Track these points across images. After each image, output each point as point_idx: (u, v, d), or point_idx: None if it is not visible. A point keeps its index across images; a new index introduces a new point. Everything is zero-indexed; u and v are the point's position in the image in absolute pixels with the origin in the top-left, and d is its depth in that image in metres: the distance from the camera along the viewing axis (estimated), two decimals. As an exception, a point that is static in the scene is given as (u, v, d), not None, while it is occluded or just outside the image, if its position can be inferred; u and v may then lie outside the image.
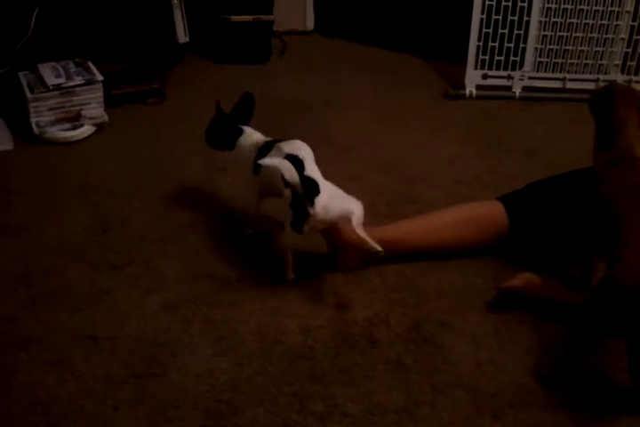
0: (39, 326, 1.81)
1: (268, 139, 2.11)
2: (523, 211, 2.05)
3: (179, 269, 2.03)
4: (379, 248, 1.87)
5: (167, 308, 1.88)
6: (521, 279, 1.89)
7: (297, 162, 1.89)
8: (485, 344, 1.80)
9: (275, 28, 3.59)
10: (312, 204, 1.82)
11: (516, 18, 3.12)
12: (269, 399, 1.62)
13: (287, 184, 1.85)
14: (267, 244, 2.14)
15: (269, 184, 2.00)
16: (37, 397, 1.61)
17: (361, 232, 1.88)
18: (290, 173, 1.83)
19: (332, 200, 1.87)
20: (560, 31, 3.16)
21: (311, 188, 1.83)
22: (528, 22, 3.13)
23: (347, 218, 1.88)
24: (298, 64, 3.56)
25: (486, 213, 2.07)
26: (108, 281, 1.98)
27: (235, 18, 3.43)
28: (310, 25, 3.94)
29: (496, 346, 1.79)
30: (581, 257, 1.88)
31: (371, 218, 2.14)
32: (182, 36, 3.41)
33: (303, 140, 2.66)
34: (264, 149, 2.05)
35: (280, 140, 2.05)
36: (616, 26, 3.15)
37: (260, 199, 2.12)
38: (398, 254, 2.05)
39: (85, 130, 2.74)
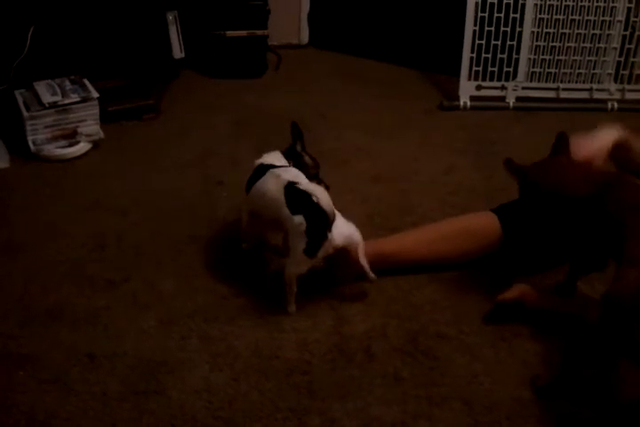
0: (37, 343, 1.82)
1: (264, 162, 2.08)
2: (516, 222, 2.05)
3: (175, 284, 2.04)
4: (373, 277, 1.94)
5: (164, 324, 1.89)
6: (516, 291, 1.90)
7: (301, 190, 1.88)
8: (482, 356, 1.80)
9: (269, 43, 3.61)
10: (330, 229, 1.82)
11: (508, 29, 3.14)
12: (267, 415, 1.63)
13: (297, 211, 1.84)
14: (263, 259, 2.15)
15: (256, 205, 2.03)
16: (35, 415, 1.61)
17: (363, 261, 1.92)
18: (327, 200, 1.81)
19: (342, 225, 1.88)
20: (553, 41, 3.18)
21: (324, 218, 1.82)
22: (520, 33, 3.15)
23: (353, 244, 1.90)
24: (293, 78, 3.58)
25: (480, 224, 2.08)
26: (106, 298, 1.98)
27: (230, 33, 3.44)
28: (305, 38, 3.96)
29: (492, 358, 1.80)
30: (571, 265, 1.88)
31: (367, 229, 2.15)
32: (178, 52, 3.44)
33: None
34: (257, 172, 2.04)
35: (275, 166, 2.03)
36: (608, 35, 3.17)
37: (247, 217, 2.13)
38: (394, 267, 2.06)
39: (82, 147, 2.75)
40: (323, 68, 3.71)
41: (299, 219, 1.83)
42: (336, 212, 1.84)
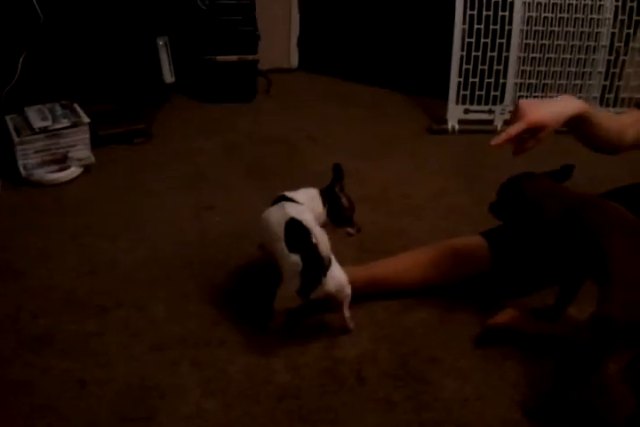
0: (28, 370, 1.81)
1: (286, 194, 2.04)
2: (505, 246, 2.07)
3: (167, 309, 2.04)
4: (352, 327, 1.95)
5: (155, 349, 1.89)
6: (506, 315, 1.90)
7: (301, 229, 1.85)
8: (473, 380, 1.81)
9: (260, 67, 3.64)
10: (325, 274, 1.80)
11: (495, 54, 3.18)
12: (258, 441, 1.63)
13: (295, 249, 1.82)
14: (254, 283, 2.15)
15: (258, 234, 2.04)
16: (26, 443, 1.61)
17: (347, 313, 1.92)
18: (325, 244, 1.79)
19: (338, 269, 1.85)
20: (539, 66, 3.23)
21: (321, 261, 1.79)
22: (507, 58, 3.20)
23: (342, 294, 1.88)
24: (283, 101, 3.61)
25: (470, 248, 2.09)
26: (97, 324, 1.98)
27: (220, 58, 3.48)
28: (294, 62, 4.01)
29: (483, 381, 1.80)
30: (562, 287, 1.90)
31: (357, 253, 2.17)
32: (168, 77, 3.47)
33: (290, 177, 2.71)
34: (274, 202, 2.02)
35: (287, 199, 2.01)
36: (593, 60, 3.22)
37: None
38: (385, 291, 2.07)
39: (72, 171, 2.76)
40: (313, 91, 3.75)
41: (295, 258, 1.80)
42: (332, 257, 1.83)
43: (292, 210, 1.93)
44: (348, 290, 1.88)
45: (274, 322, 1.93)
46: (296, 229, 1.86)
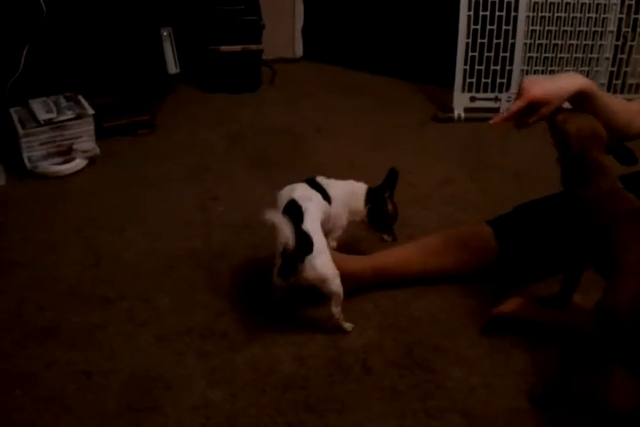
0: (34, 362, 1.81)
1: (319, 180, 2.04)
2: (511, 234, 2.06)
3: (171, 301, 2.04)
4: (349, 329, 1.89)
5: (161, 340, 1.89)
6: (512, 304, 1.89)
7: (297, 212, 1.84)
8: (479, 368, 1.80)
9: (264, 57, 3.62)
10: (302, 261, 1.78)
11: (501, 41, 3.16)
12: (265, 431, 1.63)
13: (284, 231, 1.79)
14: (258, 274, 2.15)
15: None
16: (32, 434, 1.61)
17: (336, 311, 1.86)
18: (283, 232, 1.73)
19: (325, 267, 1.81)
20: (545, 52, 3.20)
21: (304, 245, 1.77)
22: (513, 45, 3.17)
23: (325, 288, 1.84)
24: (288, 91, 3.59)
25: (476, 236, 2.08)
26: (102, 315, 1.98)
27: (224, 48, 3.47)
28: (299, 52, 3.99)
29: (489, 370, 1.79)
30: (566, 275, 1.88)
31: (363, 243, 2.16)
32: (172, 68, 3.46)
33: (294, 167, 2.70)
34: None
35: (315, 184, 1.99)
36: (600, 46, 3.19)
37: None
38: (391, 281, 2.06)
39: (77, 163, 2.76)
40: (317, 81, 3.73)
41: (282, 238, 1.75)
42: (325, 250, 1.82)
43: (299, 193, 1.92)
44: (335, 287, 1.83)
45: (274, 296, 1.95)
46: (291, 211, 1.85)
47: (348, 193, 2.05)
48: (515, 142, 3.05)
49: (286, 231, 1.73)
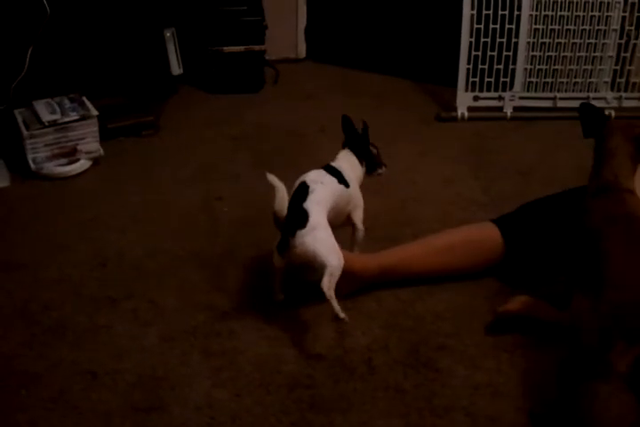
0: (39, 362, 1.81)
1: (335, 163, 2.14)
2: (517, 233, 2.06)
3: (176, 300, 2.04)
4: (342, 315, 1.80)
5: (166, 340, 1.89)
6: (517, 303, 1.89)
7: (303, 190, 1.91)
8: (484, 367, 1.80)
9: (267, 57, 3.63)
10: (293, 235, 1.83)
11: (504, 40, 3.15)
12: (270, 430, 1.63)
13: (289, 208, 1.92)
14: (263, 273, 2.15)
15: None
16: (38, 434, 1.61)
17: (328, 291, 1.78)
18: (276, 200, 1.94)
19: (317, 242, 1.82)
20: (549, 51, 3.20)
21: (297, 219, 1.84)
22: (516, 44, 3.17)
23: (317, 266, 1.82)
24: (291, 92, 3.59)
25: (481, 236, 2.08)
26: (107, 315, 1.98)
27: (227, 49, 3.47)
28: (302, 52, 3.99)
29: (494, 369, 1.79)
30: (567, 275, 1.88)
31: (366, 242, 2.16)
32: (176, 69, 3.46)
33: (298, 167, 2.69)
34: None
35: (332, 169, 2.08)
36: (604, 44, 3.19)
37: None
38: (395, 280, 2.06)
39: (81, 164, 2.77)
40: (321, 81, 3.73)
41: (276, 204, 1.96)
42: (321, 227, 1.84)
43: (311, 177, 1.98)
44: (329, 261, 1.80)
45: (273, 284, 1.98)
46: (299, 191, 1.92)
47: (352, 167, 2.14)
48: (517, 142, 3.05)
49: (278, 197, 1.92)
